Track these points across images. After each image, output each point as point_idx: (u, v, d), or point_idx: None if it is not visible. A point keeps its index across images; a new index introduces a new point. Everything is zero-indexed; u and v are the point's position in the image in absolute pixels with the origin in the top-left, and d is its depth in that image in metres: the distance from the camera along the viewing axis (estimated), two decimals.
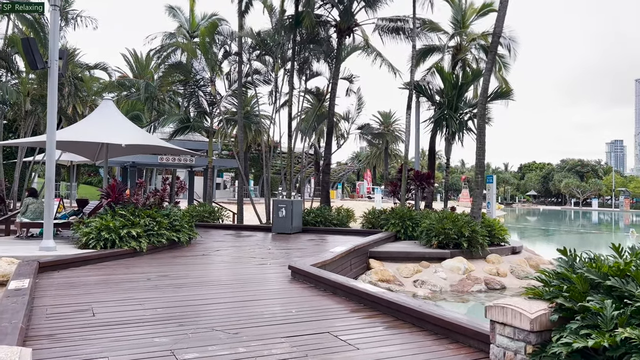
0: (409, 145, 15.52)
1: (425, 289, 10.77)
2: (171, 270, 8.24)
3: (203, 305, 5.78)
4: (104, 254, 9.10)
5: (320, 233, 15.52)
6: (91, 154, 13.87)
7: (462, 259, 11.77)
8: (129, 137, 11.48)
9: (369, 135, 20.14)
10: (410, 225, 14.35)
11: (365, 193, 71.39)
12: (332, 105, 17.98)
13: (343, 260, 9.76)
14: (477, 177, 12.94)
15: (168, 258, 9.72)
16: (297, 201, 15.42)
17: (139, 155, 20.24)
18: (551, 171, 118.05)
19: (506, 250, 13.04)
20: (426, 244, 12.59)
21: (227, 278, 7.78)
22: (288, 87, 17.57)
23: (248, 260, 9.60)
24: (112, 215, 10.25)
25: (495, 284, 11.29)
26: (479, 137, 12.93)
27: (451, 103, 15.49)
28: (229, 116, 21.21)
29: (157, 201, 11.42)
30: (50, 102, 9.33)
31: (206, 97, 18.10)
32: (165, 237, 10.69)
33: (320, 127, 23.04)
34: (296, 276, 7.61)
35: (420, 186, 15.35)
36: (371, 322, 5.17)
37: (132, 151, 14.40)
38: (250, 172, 58.93)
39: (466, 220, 12.40)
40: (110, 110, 12.46)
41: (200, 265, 8.88)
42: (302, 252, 10.89)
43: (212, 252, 10.70)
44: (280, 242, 13.13)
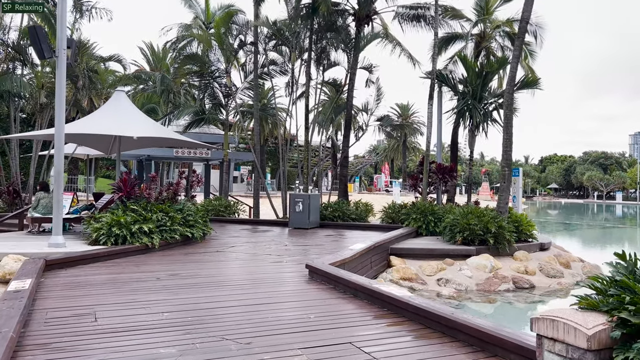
0: (430, 137, 14.92)
1: (449, 288, 10.23)
2: (182, 269, 7.84)
3: (213, 309, 5.35)
4: (114, 251, 8.75)
5: (339, 228, 15.05)
6: (105, 147, 13.58)
7: (488, 256, 11.19)
8: (141, 129, 11.12)
9: (388, 127, 19.53)
10: (432, 221, 13.79)
11: (382, 186, 70.67)
12: (351, 96, 17.42)
13: (363, 258, 9.27)
14: (504, 170, 12.31)
15: (180, 255, 9.34)
16: (315, 195, 14.95)
17: (154, 148, 20.00)
18: (573, 164, 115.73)
19: (534, 246, 12.41)
20: (450, 240, 12.03)
21: (241, 277, 7.35)
22: (305, 78, 17.07)
23: (263, 258, 9.18)
24: (123, 210, 9.91)
25: (524, 282, 10.69)
26: (506, 128, 12.28)
27: (475, 93, 14.82)
28: (245, 109, 20.79)
29: (171, 195, 11.05)
30: (59, 93, 8.98)
31: (221, 88, 17.70)
32: (179, 232, 10.32)
33: (337, 120, 22.49)
34: (314, 276, 7.15)
35: (443, 179, 14.75)
36: (397, 330, 4.69)
37: (146, 144, 14.09)
38: (267, 165, 58.72)
39: (492, 216, 11.80)
40: (123, 102, 12.12)
41: (213, 263, 8.48)
42: (320, 249, 10.44)
43: (226, 249, 10.30)
44: (297, 237, 12.69)
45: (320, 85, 18.71)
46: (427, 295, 9.87)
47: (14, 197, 17.27)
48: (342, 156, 17.41)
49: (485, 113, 14.85)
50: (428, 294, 9.98)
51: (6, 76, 16.88)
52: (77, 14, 18.73)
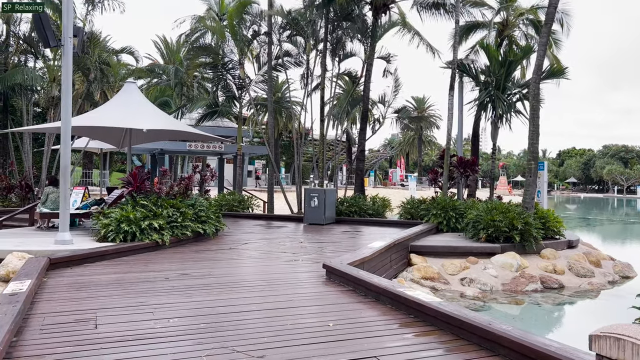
0: (451, 129, 14.33)
1: (474, 288, 9.71)
2: (193, 268, 7.44)
3: (223, 314, 4.91)
4: (122, 248, 8.38)
5: (355, 224, 14.57)
6: (116, 141, 13.24)
7: (514, 254, 10.62)
8: (151, 121, 10.73)
9: (406, 119, 18.95)
10: (453, 217, 13.24)
11: (398, 181, 69.94)
12: (367, 87, 16.86)
13: (383, 257, 8.79)
14: (530, 163, 11.70)
15: (191, 252, 8.94)
16: (330, 190, 14.48)
17: (167, 142, 19.68)
18: (592, 157, 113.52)
19: (562, 244, 11.81)
20: (472, 237, 11.48)
21: (254, 278, 6.91)
22: (320, 69, 16.56)
23: (278, 256, 8.74)
24: (132, 206, 9.54)
25: (553, 282, 10.12)
26: (532, 120, 11.66)
27: (498, 83, 14.18)
28: (259, 101, 20.35)
29: (182, 190, 10.67)
30: (65, 84, 8.62)
31: (235, 80, 17.28)
32: (190, 229, 9.94)
33: (353, 113, 21.93)
34: (332, 277, 6.69)
35: (464, 173, 14.16)
36: (427, 342, 4.20)
37: (158, 137, 13.72)
38: (281, 159, 58.37)
39: (518, 211, 11.22)
40: (133, 94, 11.74)
41: (226, 262, 8.06)
42: (336, 247, 9.97)
43: (239, 246, 9.89)
44: (313, 234, 12.24)
45: (335, 78, 18.18)
46: (450, 295, 9.37)
47: (27, 191, 17.08)
48: (359, 150, 16.88)
49: (509, 104, 14.21)
50: (451, 294, 9.48)
51: (17, 69, 16.67)
52: (89, 5, 18.41)
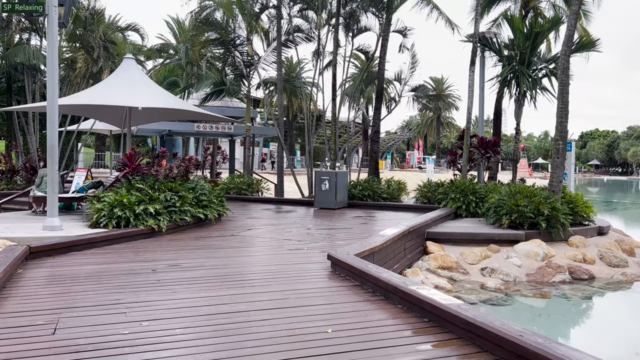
0: (472, 108, 13.39)
1: (495, 278, 8.93)
2: (186, 258, 6.79)
3: (204, 317, 4.23)
4: (113, 235, 7.77)
5: (368, 208, 13.81)
6: (117, 121, 12.61)
7: (539, 242, 9.79)
8: (148, 100, 10.05)
9: (423, 98, 18.00)
10: (473, 201, 12.40)
11: (415, 163, 68.75)
12: (383, 64, 15.94)
13: (396, 245, 8.05)
14: (558, 143, 10.78)
15: (189, 239, 8.31)
16: (342, 172, 13.71)
17: (174, 122, 19.06)
18: (616, 139, 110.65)
19: (591, 230, 10.91)
20: (494, 223, 10.66)
21: (250, 270, 6.22)
22: (333, 45, 15.64)
23: (281, 244, 8.05)
24: (127, 190, 8.92)
25: (582, 273, 9.28)
26: (561, 96, 10.70)
27: (523, 57, 13.15)
28: (269, 79, 19.52)
29: (182, 173, 10.01)
30: (50, 58, 7.96)
31: (243, 58, 16.47)
32: (190, 214, 9.30)
33: (368, 92, 20.99)
34: (337, 269, 5.98)
35: (485, 155, 13.27)
36: (445, 356, 3.46)
37: (161, 117, 13.06)
38: (296, 141, 57.66)
39: (544, 196, 10.34)
40: (131, 71, 11.06)
41: (223, 251, 7.39)
42: (346, 234, 9.24)
43: (242, 232, 9.23)
44: (323, 219, 11.53)
45: (348, 57, 17.23)
46: (469, 287, 8.61)
47: (32, 174, 16.67)
48: (373, 130, 16.05)
49: (534, 80, 13.20)
50: (470, 285, 8.72)
51: (19, 47, 16.11)
52: None
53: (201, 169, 24.34)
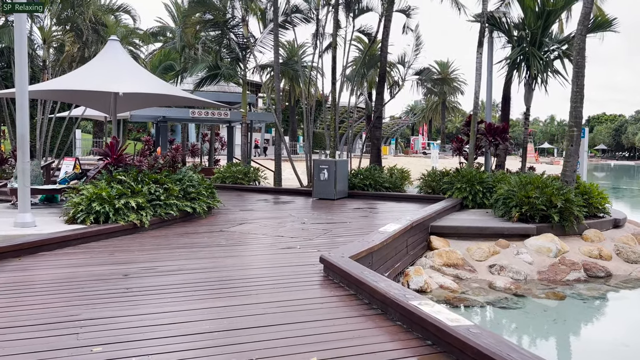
0: (479, 92, 12.64)
1: (505, 277, 8.28)
2: (165, 259, 6.17)
3: (164, 341, 3.60)
4: (89, 232, 7.15)
5: (370, 199, 13.15)
6: (103, 107, 11.95)
7: (552, 236, 9.12)
8: (131, 84, 9.35)
9: (428, 81, 17.23)
10: (480, 191, 11.72)
11: (420, 149, 67.96)
12: (385, 46, 15.14)
13: (397, 242, 7.40)
14: (572, 130, 10.05)
15: (174, 236, 7.68)
16: (342, 161, 13.02)
17: (168, 109, 18.37)
18: (624, 123, 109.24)
19: (606, 223, 10.22)
20: (503, 216, 9.99)
21: (233, 276, 5.57)
22: (333, 26, 14.82)
23: (272, 242, 7.42)
24: (108, 182, 8.28)
25: (598, 270, 8.62)
26: (576, 79, 9.95)
27: (534, 37, 12.34)
28: (268, 63, 18.73)
29: (169, 163, 9.36)
30: (18, 40, 7.27)
31: (238, 40, 15.69)
32: (176, 207, 8.67)
33: (371, 76, 20.18)
34: (330, 274, 5.34)
35: (494, 142, 12.54)
36: None
37: (149, 103, 12.40)
38: (299, 127, 56.89)
39: (557, 186, 9.65)
40: (116, 54, 10.36)
41: (208, 250, 6.76)
42: (344, 229, 8.59)
43: (232, 227, 8.59)
44: (320, 211, 10.88)
45: (350, 37, 16.42)
46: (476, 286, 7.97)
47: None
48: (375, 116, 15.30)
49: (545, 62, 12.40)
50: (478, 284, 8.08)
51: (4, 29, 15.40)
52: None
53: (199, 156, 23.78)
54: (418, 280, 7.53)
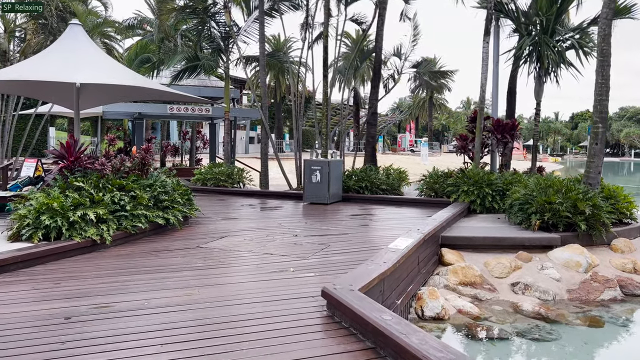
0: (485, 85, 11.50)
1: (531, 297, 7.11)
2: (127, 289, 4.87)
3: None
4: (33, 254, 5.80)
5: (366, 203, 11.92)
6: (65, 101, 10.53)
7: (579, 247, 7.99)
8: (93, 75, 7.99)
9: (426, 75, 16.05)
10: (489, 194, 10.59)
11: (407, 146, 67.01)
12: (380, 35, 13.93)
13: (409, 260, 6.20)
14: (597, 126, 8.95)
15: (141, 255, 6.37)
16: (336, 162, 11.78)
17: (144, 104, 16.95)
18: (608, 120, 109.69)
19: (634, 231, 9.15)
20: (520, 224, 8.84)
21: (209, 316, 4.30)
22: (324, 14, 13.55)
23: (261, 262, 6.14)
24: (62, 189, 6.94)
25: (635, 287, 7.50)
26: (601, 70, 8.83)
27: (547, 25, 11.24)
28: (252, 55, 17.39)
29: (137, 166, 8.03)
30: None
31: (220, 29, 14.36)
32: (145, 219, 7.35)
33: (362, 70, 18.95)
34: (337, 314, 4.11)
35: (502, 140, 11.41)
36: None
37: (120, 97, 11.03)
38: (285, 124, 55.53)
39: (582, 190, 8.53)
40: (76, 40, 8.97)
41: (180, 276, 5.46)
42: (344, 243, 7.35)
43: (212, 242, 7.30)
44: (314, 219, 9.63)
45: (341, 30, 15.18)
46: (499, 310, 6.79)
47: None
48: (370, 112, 14.09)
49: (559, 52, 11.29)
50: (501, 307, 6.90)
51: None
52: None
53: (179, 156, 22.36)
54: (434, 305, 6.33)
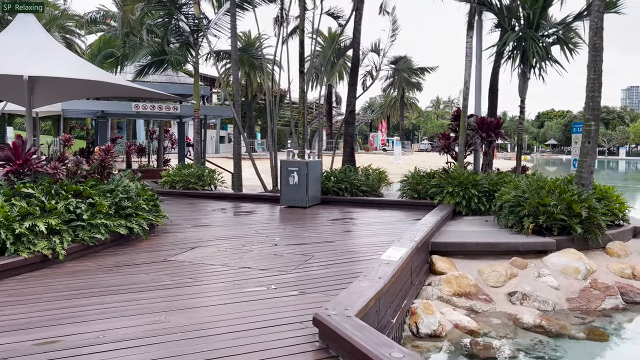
0: (469, 81, 11.03)
1: (530, 307, 6.61)
2: (80, 315, 4.10)
3: None
4: None
5: (347, 206, 11.30)
6: (15, 97, 9.57)
7: (576, 252, 7.55)
8: (43, 67, 7.12)
9: (405, 71, 15.53)
10: (475, 195, 10.12)
11: (379, 145, 66.84)
12: (358, 30, 13.33)
13: (404, 273, 5.60)
14: (589, 124, 8.54)
15: (98, 273, 5.58)
16: (314, 162, 11.12)
17: (106, 101, 15.93)
18: (573, 119, 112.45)
19: (627, 233, 8.78)
20: (512, 227, 8.36)
21: (181, 352, 3.59)
22: (299, 8, 12.86)
23: (237, 278, 5.43)
24: (7, 197, 6.07)
25: (636, 294, 7.08)
26: (593, 65, 8.43)
27: (532, 19, 10.84)
28: (222, 50, 16.57)
29: (97, 169, 7.19)
30: None
31: (188, 22, 13.51)
32: (105, 229, 6.54)
33: (338, 68, 18.33)
34: (332, 347, 3.45)
35: (487, 138, 10.96)
36: None
37: (81, 93, 10.11)
38: (256, 123, 54.61)
39: (577, 192, 8.11)
40: (27, 29, 8.04)
41: (145, 298, 4.71)
42: (328, 253, 6.68)
43: (182, 254, 6.54)
44: (293, 225, 8.94)
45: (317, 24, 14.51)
46: (497, 323, 6.25)
47: None
48: (348, 110, 13.46)
49: (545, 47, 10.90)
50: (499, 319, 6.36)
51: None
52: None
53: (146, 156, 21.32)
54: (430, 321, 5.74)
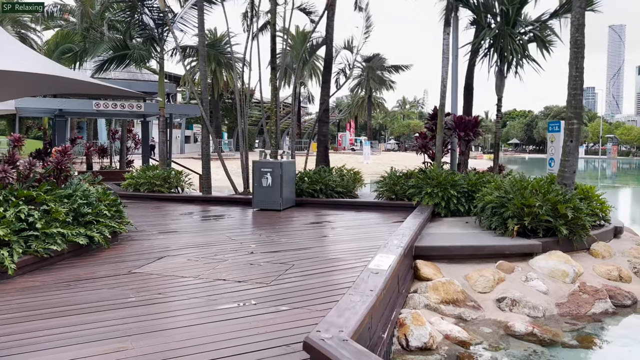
0: (446, 79, 10.76)
1: (520, 314, 6.31)
2: (27, 345, 3.52)
3: None
4: None
5: (323, 208, 10.85)
6: None
7: (564, 255, 7.33)
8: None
9: (379, 69, 15.12)
10: (454, 196, 9.84)
11: (348, 145, 66.75)
12: (331, 26, 12.91)
13: (393, 282, 5.20)
14: (572, 122, 8.36)
15: (54, 289, 4.96)
16: (288, 163, 10.63)
17: (65, 100, 15.03)
18: (534, 118, 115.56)
19: (609, 233, 8.66)
20: (495, 229, 8.10)
21: None
22: (270, 2, 12.35)
23: (211, 293, 4.91)
24: None
25: (624, 297, 6.89)
26: (575, 62, 8.25)
27: (509, 16, 10.65)
28: (189, 46, 15.88)
29: (52, 172, 6.52)
30: None
31: (153, 15, 12.82)
32: (62, 238, 5.89)
33: (310, 65, 17.87)
34: None
35: (465, 138, 10.72)
36: None
37: (32, 89, 9.34)
38: (223, 123, 53.64)
39: (561, 192, 7.90)
40: None
41: (106, 320, 4.14)
42: (308, 261, 6.22)
43: (147, 265, 5.96)
44: (268, 230, 8.43)
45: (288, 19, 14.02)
46: (488, 332, 5.92)
47: None
48: (322, 109, 13.04)
49: (522, 45, 10.73)
50: (489, 328, 6.03)
51: None
52: None
53: (108, 158, 20.38)
54: (420, 333, 5.34)
